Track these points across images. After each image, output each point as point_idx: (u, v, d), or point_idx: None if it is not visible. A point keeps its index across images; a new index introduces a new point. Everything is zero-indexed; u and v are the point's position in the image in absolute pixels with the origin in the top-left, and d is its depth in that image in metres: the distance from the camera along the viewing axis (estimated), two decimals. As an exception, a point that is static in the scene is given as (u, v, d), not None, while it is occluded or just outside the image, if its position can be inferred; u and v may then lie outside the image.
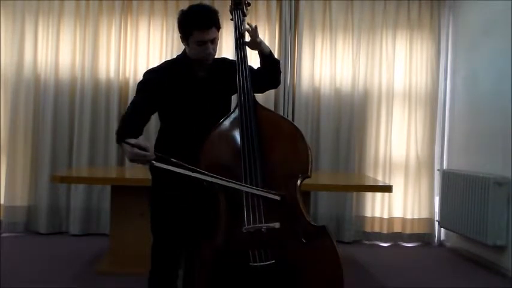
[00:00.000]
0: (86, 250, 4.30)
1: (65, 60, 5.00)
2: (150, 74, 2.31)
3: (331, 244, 2.02)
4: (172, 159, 1.96)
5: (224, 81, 2.30)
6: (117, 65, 5.00)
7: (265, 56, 2.32)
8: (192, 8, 2.21)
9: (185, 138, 2.26)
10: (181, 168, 1.97)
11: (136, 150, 1.92)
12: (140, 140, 1.95)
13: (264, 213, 2.02)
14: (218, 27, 2.22)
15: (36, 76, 5.01)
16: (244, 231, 2.00)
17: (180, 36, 2.25)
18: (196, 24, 2.15)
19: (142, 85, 2.28)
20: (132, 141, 1.92)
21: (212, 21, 2.17)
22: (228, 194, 2.08)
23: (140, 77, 4.95)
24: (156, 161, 1.94)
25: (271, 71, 2.38)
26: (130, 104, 2.25)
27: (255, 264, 2.00)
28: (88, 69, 4.97)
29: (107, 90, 5.02)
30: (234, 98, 2.29)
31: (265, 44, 2.33)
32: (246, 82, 2.18)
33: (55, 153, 4.97)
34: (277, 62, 2.40)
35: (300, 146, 2.15)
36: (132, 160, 1.94)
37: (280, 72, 2.45)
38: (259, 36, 2.29)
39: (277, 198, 2.05)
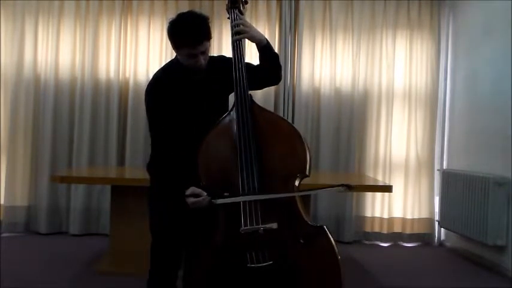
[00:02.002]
0: (86, 250, 4.31)
1: (65, 60, 5.00)
2: (152, 93, 2.27)
3: (329, 244, 2.01)
4: (225, 194, 2.06)
5: (221, 80, 2.29)
6: (117, 65, 5.00)
7: (263, 47, 2.30)
8: (181, 22, 2.15)
9: (184, 140, 2.25)
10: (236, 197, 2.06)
11: (191, 199, 2.07)
12: (194, 188, 2.08)
13: (261, 214, 2.01)
14: (209, 39, 2.18)
15: (36, 76, 5.01)
16: (242, 232, 2.00)
17: (172, 46, 2.22)
18: (185, 41, 2.13)
19: (152, 112, 2.26)
20: (187, 192, 2.07)
21: (202, 36, 2.14)
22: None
23: (140, 77, 4.94)
24: (215, 199, 2.05)
25: (270, 64, 2.35)
26: (154, 141, 2.27)
27: (253, 265, 2.00)
28: (88, 69, 4.97)
29: (107, 90, 5.02)
30: (232, 99, 2.29)
31: (261, 35, 2.30)
32: (243, 82, 2.17)
33: (55, 153, 4.97)
34: (275, 55, 2.38)
35: (297, 145, 2.14)
36: (192, 207, 2.10)
37: (280, 67, 2.40)
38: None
39: (342, 190, 2.07)
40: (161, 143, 2.26)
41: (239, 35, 2.23)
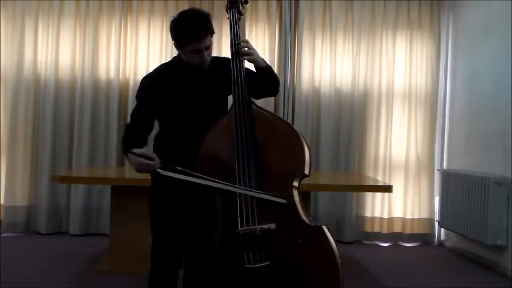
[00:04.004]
0: (86, 250, 4.30)
1: (65, 60, 5.01)
2: (147, 80, 2.30)
3: (328, 245, 2.00)
4: (177, 167, 2.00)
5: (221, 80, 2.30)
6: (117, 65, 5.00)
7: (263, 69, 2.27)
8: (184, 17, 2.18)
9: (183, 139, 2.25)
10: (186, 175, 1.99)
11: (141, 159, 1.98)
12: (145, 150, 2.02)
13: (258, 215, 2.01)
14: (212, 33, 2.20)
15: (36, 76, 5.01)
16: (240, 232, 2.00)
17: (174, 44, 2.23)
18: (190, 35, 2.14)
19: (141, 92, 2.29)
20: (138, 151, 2.00)
21: (206, 30, 2.15)
22: (224, 195, 2.07)
23: (140, 77, 4.98)
24: (162, 169, 1.99)
25: (268, 83, 2.33)
26: (133, 112, 2.27)
27: (250, 266, 2.00)
28: (88, 69, 4.97)
29: (107, 90, 5.02)
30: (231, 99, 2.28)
31: (262, 58, 2.27)
32: (241, 81, 2.17)
33: (55, 153, 4.97)
34: (275, 77, 2.35)
35: (295, 145, 2.13)
36: (138, 170, 2.01)
37: (279, 83, 2.39)
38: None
39: (283, 201, 2.04)
40: (163, 143, 2.26)
41: (244, 55, 2.20)
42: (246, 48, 2.19)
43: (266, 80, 2.31)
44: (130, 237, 3.61)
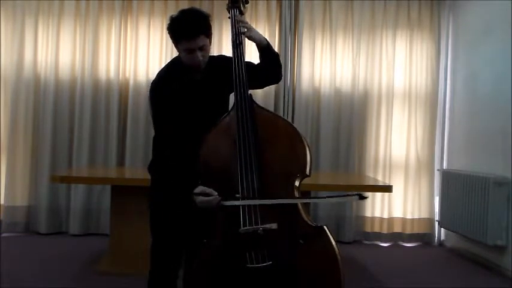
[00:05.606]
0: (86, 250, 4.30)
1: (65, 60, 5.01)
2: (156, 88, 2.27)
3: (329, 245, 2.01)
4: (236, 195, 2.03)
5: (221, 79, 2.29)
6: (117, 65, 5.00)
7: (263, 48, 2.30)
8: (179, 15, 2.18)
9: (184, 140, 2.25)
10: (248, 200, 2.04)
11: (201, 198, 2.03)
12: (204, 187, 2.05)
13: (260, 214, 2.01)
14: (208, 34, 2.18)
15: (36, 76, 5.01)
16: (241, 232, 2.00)
17: (172, 41, 2.24)
18: (182, 33, 2.13)
19: (156, 110, 2.25)
20: (197, 190, 2.05)
21: (199, 30, 2.14)
22: (225, 195, 2.07)
23: (140, 77, 4.94)
24: (224, 200, 2.04)
25: (271, 65, 2.35)
26: (160, 136, 2.25)
27: (252, 265, 2.00)
28: (88, 69, 4.97)
29: (107, 90, 5.02)
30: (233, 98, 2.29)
31: (261, 36, 2.30)
32: (243, 81, 2.17)
33: (55, 153, 4.97)
34: (276, 55, 2.38)
35: (297, 145, 2.13)
36: (201, 207, 2.06)
37: (281, 65, 2.41)
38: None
39: (357, 198, 2.03)
40: (163, 143, 2.25)
41: (242, 33, 2.23)
42: (243, 26, 2.23)
43: (268, 61, 2.32)
44: (130, 237, 3.61)
